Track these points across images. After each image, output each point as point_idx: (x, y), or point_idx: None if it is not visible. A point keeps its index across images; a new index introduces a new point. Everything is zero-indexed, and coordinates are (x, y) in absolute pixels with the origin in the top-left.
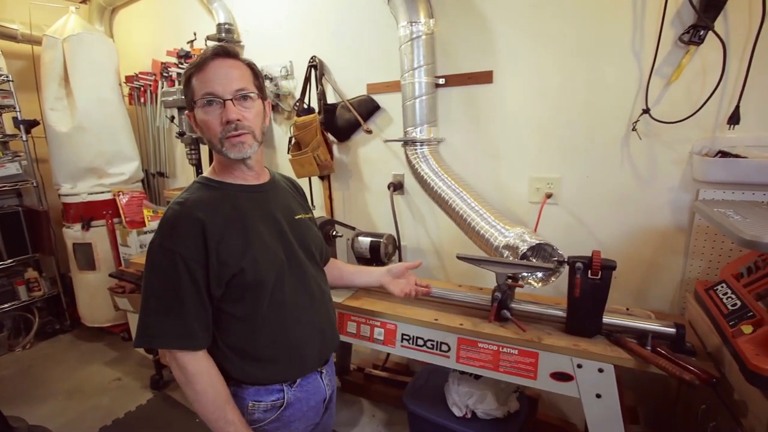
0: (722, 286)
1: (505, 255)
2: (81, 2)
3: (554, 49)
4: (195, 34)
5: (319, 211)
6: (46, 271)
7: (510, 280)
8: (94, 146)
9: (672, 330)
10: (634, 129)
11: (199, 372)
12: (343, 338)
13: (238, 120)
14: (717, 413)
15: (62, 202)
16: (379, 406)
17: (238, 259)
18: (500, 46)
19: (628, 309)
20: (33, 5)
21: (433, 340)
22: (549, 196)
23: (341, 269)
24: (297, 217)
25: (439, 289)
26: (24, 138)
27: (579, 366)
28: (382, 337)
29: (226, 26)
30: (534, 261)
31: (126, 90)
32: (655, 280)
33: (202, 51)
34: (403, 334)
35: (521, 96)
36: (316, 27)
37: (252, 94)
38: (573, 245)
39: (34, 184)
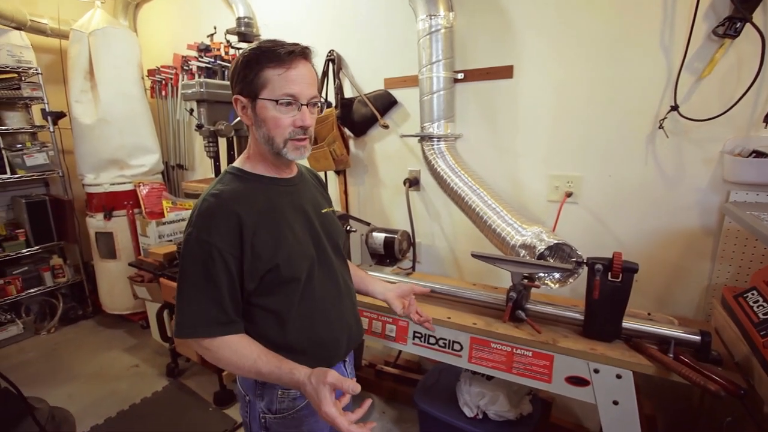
0: (753, 294)
1: (521, 254)
2: None
3: (577, 43)
4: (215, 28)
5: (335, 206)
6: (70, 258)
7: (526, 280)
8: (117, 138)
9: (696, 337)
10: (660, 126)
11: (230, 343)
12: None
13: (311, 126)
14: (743, 427)
15: (86, 192)
16: (390, 403)
17: (273, 253)
18: (521, 40)
19: (649, 314)
20: (61, 0)
21: (445, 339)
22: (569, 194)
23: (354, 270)
24: (323, 210)
25: (452, 287)
26: (51, 129)
27: (596, 371)
28: (393, 334)
29: (246, 20)
30: (552, 261)
31: (148, 83)
32: (679, 284)
33: (263, 42)
34: (414, 332)
35: (542, 91)
36: (334, 20)
37: (320, 102)
38: (593, 246)
39: (60, 174)
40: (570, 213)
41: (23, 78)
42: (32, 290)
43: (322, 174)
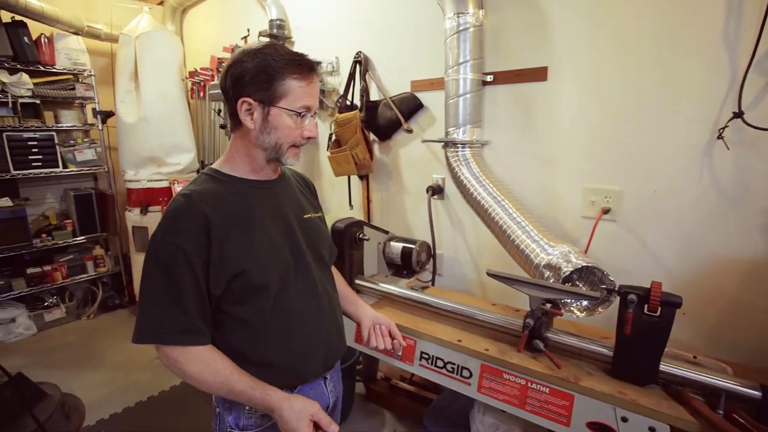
0: None
1: (545, 276)
2: (158, 4)
3: (620, 40)
4: (248, 30)
5: (357, 213)
6: (111, 249)
7: (548, 305)
8: (156, 137)
9: (756, 392)
10: (720, 137)
11: (197, 358)
12: (360, 348)
13: (316, 137)
14: None
15: (126, 188)
16: (402, 421)
17: (242, 258)
18: (557, 38)
19: (696, 357)
20: (114, 7)
21: (453, 363)
22: (606, 211)
23: (339, 287)
24: (306, 216)
25: (465, 306)
26: (100, 127)
27: (624, 419)
28: (400, 353)
29: (278, 22)
30: (581, 286)
31: (189, 85)
32: (736, 322)
33: (273, 49)
34: (422, 352)
35: (579, 95)
36: (363, 21)
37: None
38: (631, 271)
39: (106, 170)
40: (606, 232)
41: (79, 79)
42: (76, 277)
43: (344, 179)
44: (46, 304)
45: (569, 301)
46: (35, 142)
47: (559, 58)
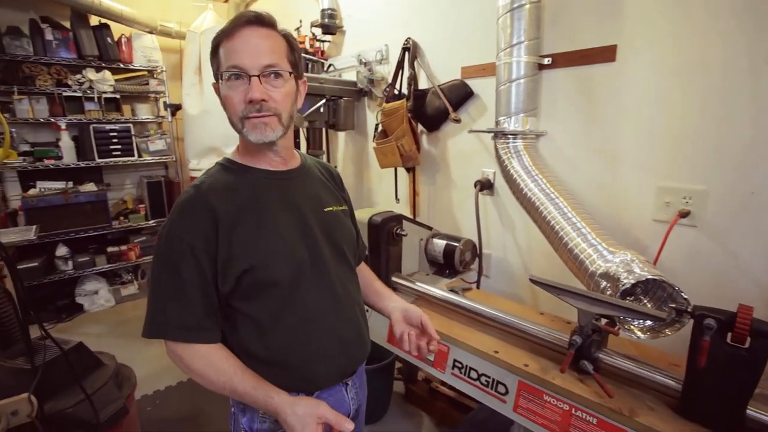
0: None
1: (601, 287)
2: (224, 1)
3: (705, 10)
4: (300, 22)
5: (403, 207)
6: None
7: (601, 321)
8: (215, 128)
9: None
10: None
11: (203, 356)
12: (393, 349)
13: (264, 101)
14: None
15: (190, 176)
16: (441, 427)
17: (250, 253)
18: (628, 10)
19: None
20: (184, 6)
21: (488, 376)
22: (684, 214)
23: (366, 282)
24: (327, 209)
25: (504, 314)
26: (170, 119)
27: None
28: (432, 357)
29: (329, 11)
30: (645, 302)
31: None
32: None
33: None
34: (455, 360)
35: (653, 77)
36: (412, 5)
37: (284, 72)
38: (713, 290)
39: (174, 159)
40: (683, 239)
41: (153, 75)
42: (147, 257)
43: (391, 171)
44: (122, 280)
45: (628, 318)
46: (115, 133)
47: (631, 34)
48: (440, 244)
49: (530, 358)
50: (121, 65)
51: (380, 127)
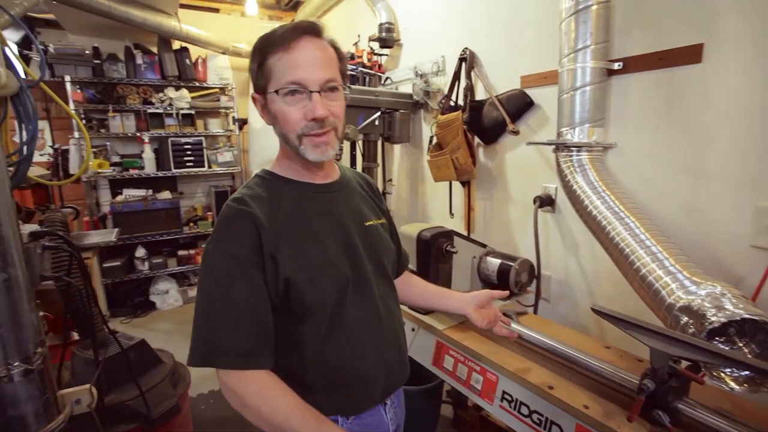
0: None
1: (680, 323)
2: (292, 21)
3: None
4: (359, 36)
5: (458, 222)
6: None
7: (681, 365)
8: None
9: None
10: None
11: (258, 390)
12: (437, 371)
13: (326, 117)
14: None
15: None
16: None
17: (294, 271)
18: (717, 6)
19: None
20: (253, 27)
21: (541, 414)
22: None
23: (422, 288)
24: (367, 223)
25: (565, 346)
26: (237, 133)
27: None
28: (479, 386)
29: (387, 25)
30: (741, 346)
31: None
32: None
33: (282, 28)
34: (504, 391)
35: (748, 80)
36: (470, 13)
37: (339, 85)
38: None
39: (239, 170)
40: None
41: (224, 92)
42: None
43: (445, 185)
44: (190, 282)
45: (717, 364)
46: (189, 146)
47: (722, 31)
48: (494, 262)
49: (591, 399)
50: (197, 83)
51: (435, 140)
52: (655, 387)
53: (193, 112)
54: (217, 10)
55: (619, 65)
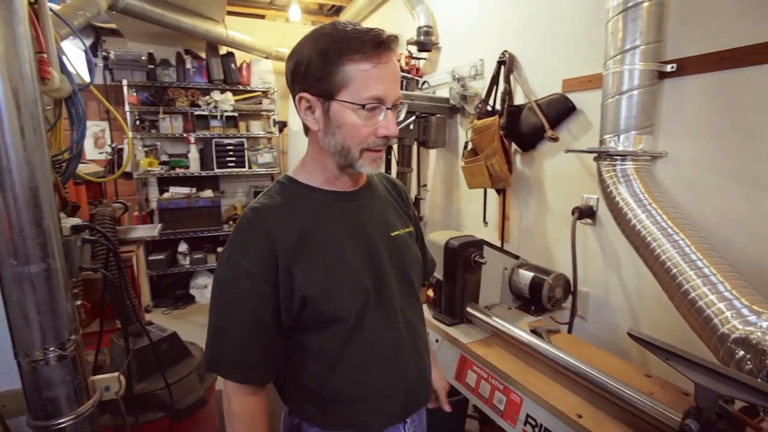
0: None
1: (735, 357)
2: None
3: None
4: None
5: (491, 231)
6: None
7: (733, 406)
8: None
9: None
10: None
11: (242, 412)
12: (458, 387)
13: (396, 136)
14: None
15: None
16: None
17: (312, 284)
18: None
19: None
20: (297, 32)
21: None
22: None
23: None
24: (394, 233)
25: (597, 372)
26: (277, 135)
27: None
28: (502, 406)
29: (425, 29)
30: None
31: None
32: None
33: (334, 27)
34: (528, 415)
35: None
36: (510, 16)
37: (401, 105)
38: None
39: (278, 171)
40: None
41: (267, 95)
42: None
43: (480, 192)
44: None
45: None
46: (231, 147)
47: None
48: (527, 275)
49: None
50: (241, 87)
51: (470, 145)
52: (700, 429)
53: (236, 114)
54: (262, 17)
55: (672, 67)
